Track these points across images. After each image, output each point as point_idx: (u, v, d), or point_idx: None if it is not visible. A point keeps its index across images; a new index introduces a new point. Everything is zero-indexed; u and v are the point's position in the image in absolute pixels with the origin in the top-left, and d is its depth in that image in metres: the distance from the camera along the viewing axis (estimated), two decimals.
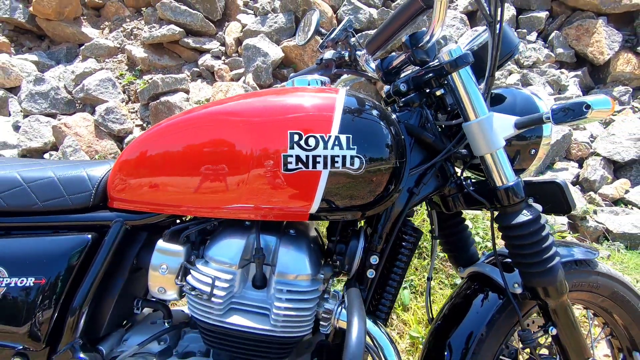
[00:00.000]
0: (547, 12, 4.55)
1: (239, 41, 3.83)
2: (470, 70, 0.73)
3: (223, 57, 3.83)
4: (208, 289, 0.69)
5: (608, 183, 2.83)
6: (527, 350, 0.98)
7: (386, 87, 0.89)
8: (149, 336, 0.82)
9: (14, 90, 3.50)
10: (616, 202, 2.74)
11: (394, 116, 0.79)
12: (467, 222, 1.00)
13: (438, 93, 0.79)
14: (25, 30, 4.08)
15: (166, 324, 0.85)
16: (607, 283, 0.93)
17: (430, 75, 0.78)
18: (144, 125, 3.37)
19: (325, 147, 0.65)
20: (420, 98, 0.81)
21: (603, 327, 1.03)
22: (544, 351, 1.01)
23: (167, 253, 0.73)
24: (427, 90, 0.81)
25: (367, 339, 0.74)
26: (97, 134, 3.04)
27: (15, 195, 0.75)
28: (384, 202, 0.75)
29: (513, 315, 0.83)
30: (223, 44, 3.90)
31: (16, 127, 3.12)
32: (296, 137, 0.65)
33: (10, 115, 3.28)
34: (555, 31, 4.54)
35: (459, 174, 0.84)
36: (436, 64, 0.76)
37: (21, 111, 3.22)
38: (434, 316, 0.96)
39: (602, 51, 4.33)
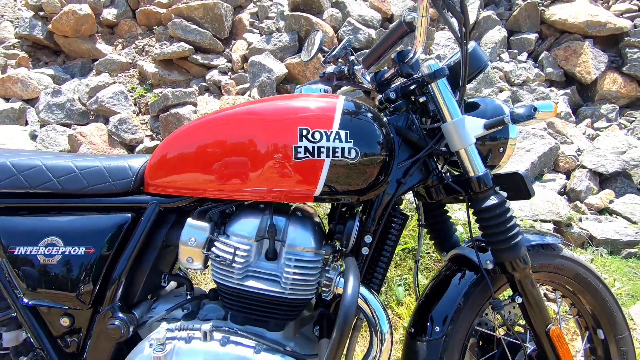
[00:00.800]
0: (536, 34, 4.80)
1: (244, 58, 4.05)
2: (446, 81, 0.90)
3: (229, 73, 4.04)
4: (230, 257, 0.84)
5: (594, 194, 2.99)
6: (505, 328, 1.11)
7: (379, 96, 1.06)
8: (174, 304, 0.95)
9: (31, 101, 3.69)
10: (601, 211, 2.88)
11: (385, 119, 0.95)
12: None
13: (421, 100, 0.96)
14: (42, 46, 4.30)
15: (188, 295, 0.99)
16: (571, 266, 1.07)
17: (415, 85, 0.94)
18: (154, 135, 3.55)
19: (328, 140, 0.81)
20: (407, 104, 0.97)
21: (570, 308, 1.16)
22: (519, 329, 1.15)
23: (195, 228, 0.87)
24: (413, 98, 0.97)
25: (362, 303, 0.88)
26: (110, 142, 3.21)
27: (70, 180, 0.90)
28: (376, 189, 0.90)
29: (486, 289, 0.97)
30: (230, 60, 4.12)
31: (33, 136, 3.29)
32: (304, 132, 0.81)
33: (27, 124, 3.46)
34: (544, 52, 4.78)
35: (440, 169, 0.99)
36: (419, 76, 0.93)
37: (38, 121, 3.40)
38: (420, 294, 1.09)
39: (589, 71, 4.56)
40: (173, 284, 1.11)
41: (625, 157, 3.05)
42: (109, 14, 4.33)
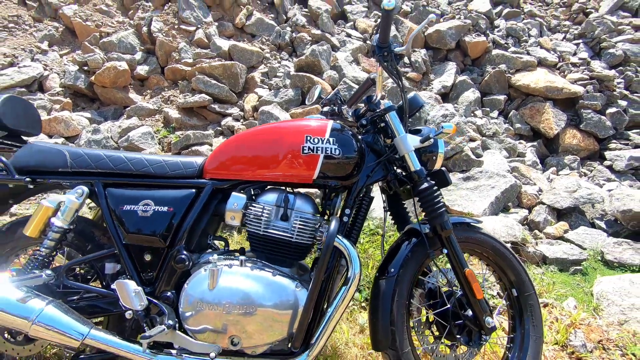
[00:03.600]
0: (505, 96, 5.60)
1: (255, 108, 4.75)
2: (395, 113, 1.46)
3: (241, 120, 4.71)
4: (260, 213, 1.34)
5: (551, 225, 3.48)
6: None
7: (357, 124, 1.62)
8: (217, 253, 1.43)
9: (71, 139, 4.30)
10: (557, 239, 3.36)
11: (360, 137, 1.50)
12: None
13: (382, 125, 1.52)
14: (81, 94, 5.03)
15: (226, 249, 1.46)
16: (489, 240, 1.56)
17: (377, 116, 1.51)
18: None
19: (322, 143, 1.35)
20: (373, 128, 1.53)
21: (492, 274, 1.63)
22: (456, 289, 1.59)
23: (238, 197, 1.38)
24: (377, 124, 1.53)
25: (343, 250, 1.35)
26: None
27: (159, 167, 1.42)
28: (352, 179, 1.42)
29: (425, 247, 1.44)
30: (242, 110, 4.81)
31: None
32: (308, 137, 1.35)
33: None
34: (513, 110, 5.54)
35: (395, 169, 1.53)
36: (380, 110, 1.50)
37: None
38: None
39: (551, 127, 5.27)
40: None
41: (575, 195, 3.59)
42: (142, 69, 5.11)
